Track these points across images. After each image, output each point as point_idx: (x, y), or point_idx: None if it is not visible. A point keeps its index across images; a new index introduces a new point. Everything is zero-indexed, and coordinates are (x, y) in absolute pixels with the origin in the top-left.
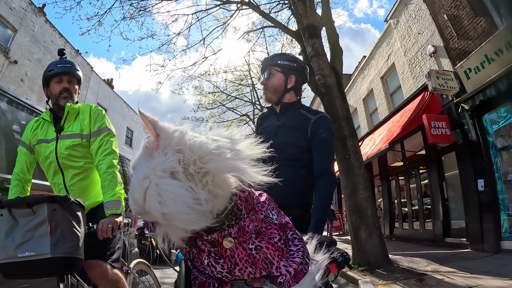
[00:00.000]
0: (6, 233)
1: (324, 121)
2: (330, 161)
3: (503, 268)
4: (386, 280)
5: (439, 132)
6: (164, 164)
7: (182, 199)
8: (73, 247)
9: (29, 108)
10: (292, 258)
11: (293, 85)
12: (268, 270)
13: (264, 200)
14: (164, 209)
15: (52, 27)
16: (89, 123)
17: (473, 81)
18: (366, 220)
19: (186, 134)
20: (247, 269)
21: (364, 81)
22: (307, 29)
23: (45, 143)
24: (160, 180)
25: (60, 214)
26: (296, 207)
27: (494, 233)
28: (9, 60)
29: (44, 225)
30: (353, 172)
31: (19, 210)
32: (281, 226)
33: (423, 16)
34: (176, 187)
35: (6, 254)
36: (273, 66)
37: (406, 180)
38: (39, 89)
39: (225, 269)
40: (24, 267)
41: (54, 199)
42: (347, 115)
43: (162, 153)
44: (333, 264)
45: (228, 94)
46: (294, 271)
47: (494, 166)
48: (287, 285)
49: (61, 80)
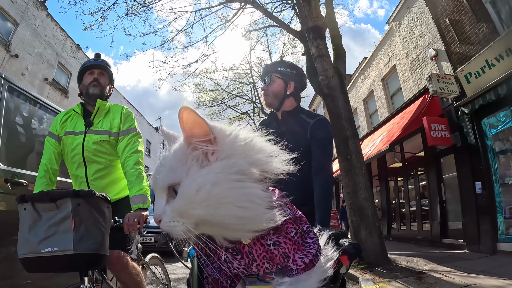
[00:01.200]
0: (29, 227)
1: (322, 122)
2: (327, 159)
3: (500, 268)
4: (385, 278)
5: (438, 135)
6: (233, 166)
7: (261, 199)
8: (98, 243)
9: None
10: (309, 250)
11: (292, 91)
12: (284, 263)
13: (277, 197)
14: (246, 213)
15: (54, 21)
16: (119, 123)
17: (473, 86)
18: (366, 219)
19: (240, 133)
20: (264, 264)
21: (365, 82)
22: (312, 30)
23: (72, 135)
24: (235, 184)
25: (85, 209)
26: (305, 205)
27: (490, 234)
28: (10, 53)
29: (68, 220)
30: (354, 172)
31: (43, 204)
32: (296, 220)
33: (425, 19)
34: (253, 189)
35: (29, 248)
36: (273, 72)
37: (405, 181)
38: (39, 83)
39: (242, 265)
40: (47, 262)
41: (79, 194)
42: (349, 116)
43: (224, 156)
44: (345, 256)
45: (228, 92)
46: (309, 261)
47: (492, 169)
48: (296, 272)
49: (92, 72)
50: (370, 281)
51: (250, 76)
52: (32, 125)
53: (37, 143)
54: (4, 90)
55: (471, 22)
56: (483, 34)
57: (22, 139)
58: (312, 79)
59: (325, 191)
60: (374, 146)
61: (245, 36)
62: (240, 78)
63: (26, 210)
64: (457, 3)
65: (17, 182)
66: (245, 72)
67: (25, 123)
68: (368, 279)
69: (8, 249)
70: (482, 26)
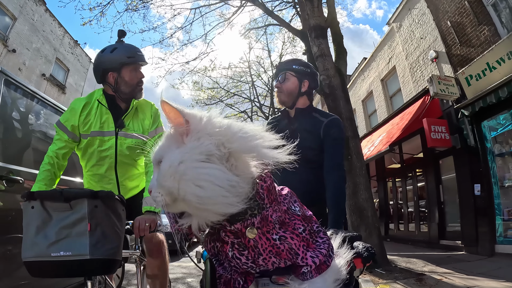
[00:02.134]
0: (37, 228)
1: (336, 122)
2: (339, 158)
3: (498, 270)
4: (385, 279)
5: (438, 136)
6: (200, 147)
7: (221, 181)
8: (114, 248)
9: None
10: (319, 249)
11: (306, 90)
12: (293, 260)
13: (286, 193)
14: (203, 192)
15: (52, 16)
16: (149, 123)
17: (473, 88)
18: (366, 220)
19: (214, 118)
20: (271, 259)
21: (364, 82)
22: (314, 29)
23: (101, 137)
24: (198, 163)
25: (102, 212)
26: (315, 205)
27: (489, 236)
28: (8, 48)
29: (83, 223)
30: (355, 172)
31: (55, 203)
32: (305, 218)
33: (427, 21)
34: (214, 170)
35: (37, 252)
36: (288, 70)
37: (403, 182)
38: (37, 79)
39: (249, 259)
40: (57, 267)
41: (97, 195)
42: (350, 116)
43: (195, 138)
44: (358, 259)
45: (227, 90)
46: (319, 262)
47: (491, 172)
48: (310, 275)
49: (137, 69)
50: (370, 282)
51: (249, 75)
52: (30, 121)
53: (34, 139)
54: (1, 83)
55: (473, 24)
56: (484, 37)
57: (19, 135)
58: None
59: (338, 192)
60: (373, 147)
61: (245, 34)
62: (239, 77)
63: (33, 208)
64: (459, 6)
65: (12, 179)
66: (243, 70)
67: (22, 118)
68: (369, 281)
69: (3, 249)
70: (483, 29)
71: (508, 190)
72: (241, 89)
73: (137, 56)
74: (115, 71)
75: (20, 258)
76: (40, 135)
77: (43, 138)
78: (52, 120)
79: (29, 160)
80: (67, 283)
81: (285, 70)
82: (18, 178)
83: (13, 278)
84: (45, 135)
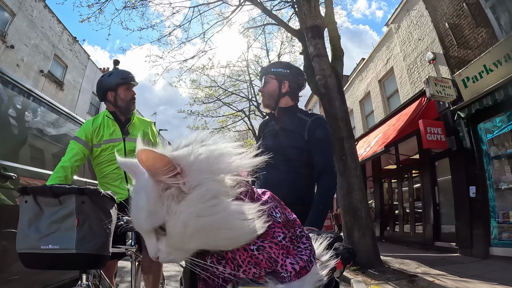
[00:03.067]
0: (29, 222)
1: (320, 122)
2: (329, 160)
3: (492, 273)
4: (378, 280)
5: (434, 138)
6: (208, 193)
7: (243, 213)
8: (100, 243)
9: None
10: (300, 255)
11: (287, 90)
12: (273, 268)
13: (266, 199)
14: (236, 233)
15: (51, 12)
16: (147, 133)
17: (470, 90)
18: (359, 220)
19: (199, 151)
20: (251, 270)
21: (362, 83)
22: (311, 29)
23: (112, 143)
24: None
25: (89, 208)
26: (297, 204)
27: (483, 239)
28: (6, 44)
29: (71, 218)
30: (349, 173)
31: (45, 198)
32: (287, 224)
33: (425, 22)
34: (233, 206)
35: (29, 244)
36: (267, 74)
37: (399, 183)
38: (35, 75)
39: (227, 270)
40: (46, 259)
41: (84, 191)
42: (345, 116)
43: (195, 184)
44: (339, 260)
45: (225, 89)
46: (299, 268)
47: (487, 174)
48: (289, 279)
49: (130, 88)
50: (362, 283)
51: (247, 74)
52: (24, 118)
53: (29, 136)
54: None
55: (471, 26)
56: (482, 39)
57: (14, 132)
58: (309, 79)
59: (326, 194)
60: (369, 148)
61: (243, 33)
62: (237, 76)
63: (27, 203)
64: (457, 8)
65: (5, 175)
66: (242, 69)
67: (17, 115)
68: (360, 281)
69: None
70: (481, 31)
71: (503, 192)
72: (239, 88)
73: (129, 77)
74: (113, 91)
75: (14, 253)
76: (35, 132)
77: (37, 136)
78: (47, 117)
79: (24, 157)
80: (61, 278)
81: (264, 74)
82: (11, 174)
83: (5, 273)
84: (40, 133)
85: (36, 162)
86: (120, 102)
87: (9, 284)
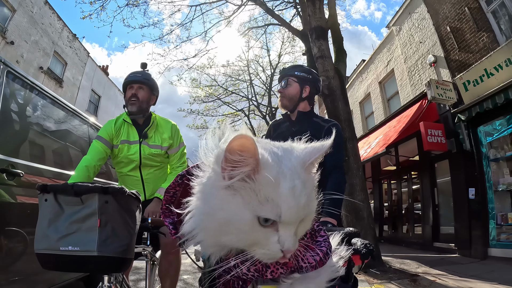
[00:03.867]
0: (49, 221)
1: (336, 128)
2: (341, 159)
3: (491, 273)
4: (380, 280)
5: (434, 140)
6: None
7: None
8: (124, 246)
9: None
10: (320, 248)
11: (307, 95)
12: (296, 265)
13: None
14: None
15: (51, 9)
16: (168, 137)
17: (471, 93)
18: (361, 221)
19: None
20: (278, 270)
21: (362, 84)
22: (315, 30)
23: (128, 144)
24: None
25: (113, 208)
26: None
27: (482, 240)
28: (6, 40)
29: (93, 218)
30: (352, 173)
31: (66, 197)
32: None
33: (426, 25)
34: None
35: (48, 244)
36: (290, 76)
37: (398, 184)
38: (34, 72)
39: (251, 271)
40: (66, 261)
41: (108, 191)
42: (348, 117)
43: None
44: (357, 256)
45: (225, 88)
46: (319, 258)
47: (486, 176)
48: (306, 270)
49: (132, 87)
50: (365, 282)
51: (247, 74)
52: (31, 113)
53: (34, 132)
54: (3, 75)
55: (472, 30)
56: (483, 43)
57: (20, 128)
58: None
59: (337, 187)
60: (370, 149)
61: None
62: (237, 75)
63: (47, 201)
64: (459, 11)
65: (12, 172)
66: (242, 69)
67: (23, 110)
68: (363, 280)
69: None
70: (482, 35)
71: (502, 194)
72: (239, 88)
73: (129, 77)
74: (124, 92)
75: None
76: (42, 128)
77: (44, 132)
78: (52, 113)
79: (30, 153)
80: (66, 278)
81: (287, 76)
82: (19, 171)
83: (8, 273)
84: (46, 129)
85: (42, 160)
86: (125, 103)
87: (12, 285)
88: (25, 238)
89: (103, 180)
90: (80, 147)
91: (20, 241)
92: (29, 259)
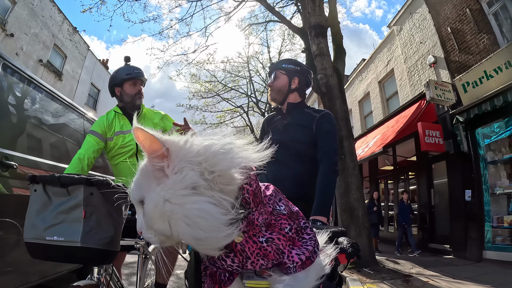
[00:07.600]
0: (37, 211)
1: (328, 117)
2: (332, 148)
3: (485, 276)
4: (373, 279)
5: (432, 141)
6: (184, 181)
7: (214, 215)
8: (107, 238)
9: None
10: (306, 246)
11: (296, 86)
12: (280, 259)
13: (271, 193)
14: (197, 232)
15: (52, 2)
16: (159, 121)
17: (470, 95)
18: (356, 220)
19: (194, 141)
20: (259, 261)
21: (362, 83)
22: (314, 28)
23: (122, 134)
24: (185, 199)
25: (98, 200)
26: (300, 200)
27: (477, 242)
28: (6, 32)
29: (78, 210)
30: (347, 172)
31: (54, 188)
32: (292, 215)
33: (427, 26)
34: (204, 204)
35: (35, 234)
36: (278, 69)
37: (395, 184)
38: (34, 64)
39: (235, 263)
40: (52, 251)
41: (92, 182)
42: (345, 116)
43: (176, 169)
44: (343, 255)
45: (224, 84)
46: (305, 258)
47: (483, 178)
48: (294, 270)
49: (136, 83)
50: (357, 281)
51: (247, 70)
52: (26, 106)
53: (30, 124)
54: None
55: (473, 32)
56: (483, 45)
57: (14, 120)
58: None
59: (325, 179)
60: (367, 148)
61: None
62: (237, 71)
63: (36, 192)
64: (460, 13)
65: (6, 164)
66: (241, 65)
67: (18, 103)
68: (356, 280)
69: None
70: (483, 37)
71: (498, 197)
72: (239, 84)
73: (134, 73)
74: (119, 86)
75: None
76: (37, 121)
77: (39, 124)
78: (48, 106)
79: (24, 145)
80: (58, 270)
81: (275, 69)
82: (12, 163)
83: (5, 263)
84: (42, 121)
85: (37, 152)
86: (126, 98)
87: (4, 276)
88: (19, 230)
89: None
90: (76, 140)
91: (14, 233)
92: (21, 251)
